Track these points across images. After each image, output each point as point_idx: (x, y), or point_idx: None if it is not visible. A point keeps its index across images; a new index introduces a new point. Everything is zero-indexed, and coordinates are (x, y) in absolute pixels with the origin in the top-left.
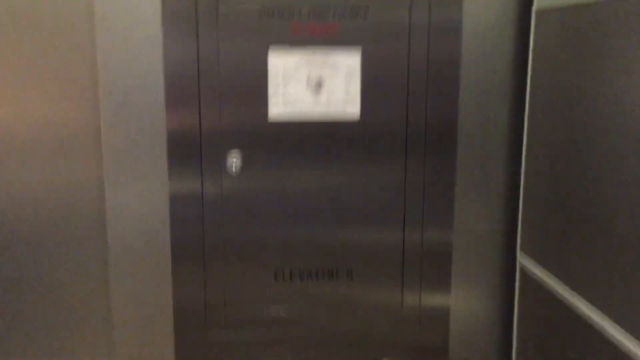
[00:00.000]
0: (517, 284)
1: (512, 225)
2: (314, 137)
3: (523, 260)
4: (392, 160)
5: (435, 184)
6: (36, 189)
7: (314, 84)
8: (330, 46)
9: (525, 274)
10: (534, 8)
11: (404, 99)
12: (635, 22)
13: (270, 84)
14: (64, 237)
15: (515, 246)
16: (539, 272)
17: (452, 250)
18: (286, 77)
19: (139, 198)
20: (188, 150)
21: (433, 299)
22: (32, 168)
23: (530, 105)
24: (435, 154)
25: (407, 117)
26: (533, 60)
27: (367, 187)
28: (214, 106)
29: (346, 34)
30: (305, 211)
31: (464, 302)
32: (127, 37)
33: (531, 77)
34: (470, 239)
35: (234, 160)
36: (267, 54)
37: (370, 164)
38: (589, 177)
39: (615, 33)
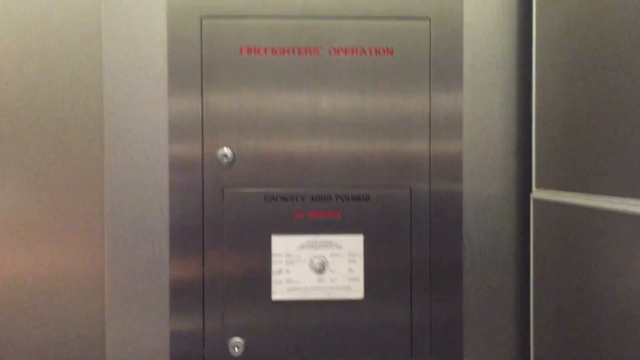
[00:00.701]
0: None
1: None
2: (317, 316)
3: None
4: (397, 344)
5: None
6: (37, 328)
7: (317, 267)
8: (333, 231)
9: None
10: (531, 195)
11: (407, 280)
12: (629, 236)
13: (273, 266)
14: None
15: None
16: None
17: None
18: (289, 260)
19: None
20: (190, 300)
21: None
22: (35, 310)
23: (534, 286)
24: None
25: (411, 303)
26: (534, 242)
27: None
28: (217, 275)
29: (348, 219)
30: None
31: None
32: (135, 188)
33: (533, 260)
34: None
35: (236, 348)
36: (270, 236)
37: (375, 343)
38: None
39: (605, 240)
